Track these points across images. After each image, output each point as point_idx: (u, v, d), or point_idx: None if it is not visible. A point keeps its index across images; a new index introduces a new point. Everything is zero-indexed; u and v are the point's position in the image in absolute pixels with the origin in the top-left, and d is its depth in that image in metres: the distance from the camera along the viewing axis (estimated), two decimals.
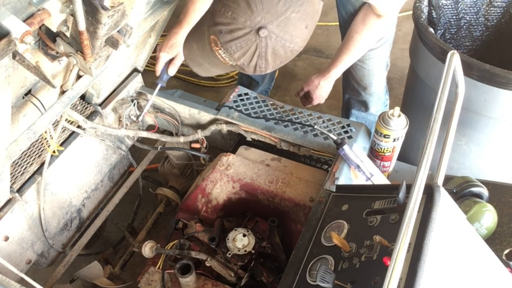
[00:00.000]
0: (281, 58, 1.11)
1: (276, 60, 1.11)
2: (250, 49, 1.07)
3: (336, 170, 1.43)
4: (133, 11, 1.35)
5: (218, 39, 1.07)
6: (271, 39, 1.06)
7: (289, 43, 1.08)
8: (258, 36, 1.04)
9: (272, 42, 1.06)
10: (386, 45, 1.97)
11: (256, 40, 1.05)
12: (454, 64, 1.08)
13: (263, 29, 1.03)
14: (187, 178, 1.93)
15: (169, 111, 1.80)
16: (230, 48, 1.07)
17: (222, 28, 1.06)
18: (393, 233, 0.89)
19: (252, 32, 1.04)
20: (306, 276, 1.12)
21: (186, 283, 1.35)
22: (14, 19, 0.84)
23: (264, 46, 1.06)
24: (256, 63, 1.10)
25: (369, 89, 2.15)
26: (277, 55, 1.10)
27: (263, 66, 1.11)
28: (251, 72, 1.13)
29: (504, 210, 1.47)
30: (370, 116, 2.29)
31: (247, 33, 1.04)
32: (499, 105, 1.72)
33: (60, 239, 1.73)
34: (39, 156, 1.52)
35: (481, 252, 1.08)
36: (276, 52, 1.08)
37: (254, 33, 1.04)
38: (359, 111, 2.30)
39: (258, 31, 1.04)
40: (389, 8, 1.54)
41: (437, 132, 1.00)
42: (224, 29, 1.05)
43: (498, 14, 2.16)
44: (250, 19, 1.03)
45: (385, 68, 2.10)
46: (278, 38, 1.06)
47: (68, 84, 1.40)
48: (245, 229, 1.44)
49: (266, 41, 1.05)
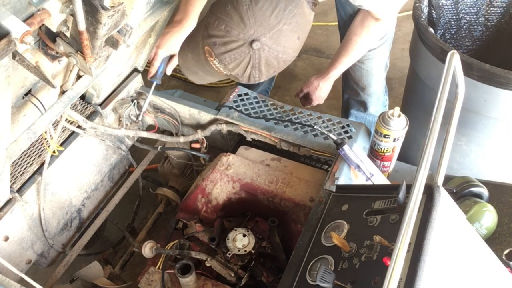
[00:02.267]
0: (274, 68, 1.14)
1: (269, 70, 1.14)
2: (244, 60, 1.09)
3: (336, 170, 1.43)
4: (133, 11, 1.35)
5: (212, 51, 1.10)
6: (264, 51, 1.08)
7: (281, 54, 1.11)
8: (252, 48, 1.07)
9: (265, 54, 1.09)
10: (385, 45, 1.97)
11: (249, 52, 1.08)
12: (454, 64, 1.08)
13: (256, 42, 1.06)
14: (187, 178, 1.93)
15: (169, 111, 1.80)
16: (224, 60, 1.10)
17: (216, 40, 1.08)
18: (393, 233, 0.89)
19: (245, 44, 1.07)
20: (306, 276, 1.12)
21: (186, 283, 1.35)
22: (14, 19, 0.84)
23: (257, 57, 1.09)
24: (250, 73, 1.13)
25: (368, 89, 2.15)
26: (270, 66, 1.12)
27: (256, 76, 1.14)
28: (245, 81, 1.16)
29: (504, 210, 1.47)
30: (369, 116, 2.29)
31: (241, 45, 1.07)
32: (499, 105, 1.72)
33: (60, 239, 1.73)
34: (39, 156, 1.52)
35: (481, 252, 1.08)
36: (269, 62, 1.11)
37: (247, 45, 1.07)
38: (358, 111, 2.30)
39: (252, 44, 1.06)
40: (387, 12, 1.55)
41: (437, 132, 1.00)
42: (218, 41, 1.08)
43: (498, 14, 2.16)
44: (243, 32, 1.06)
45: (384, 69, 2.10)
46: (271, 49, 1.08)
47: (68, 84, 1.40)
48: (245, 229, 1.44)
49: (259, 52, 1.08)
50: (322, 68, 3.19)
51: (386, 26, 1.70)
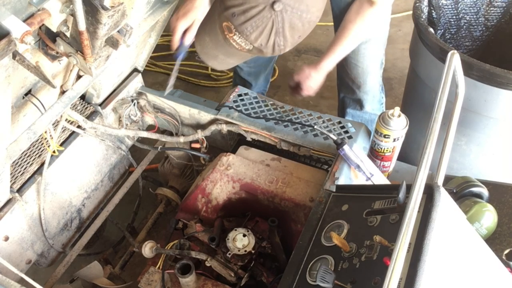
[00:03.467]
0: (299, 31, 1.07)
1: (294, 35, 1.07)
2: (266, 27, 1.03)
3: (336, 170, 1.43)
4: (133, 11, 1.35)
5: (231, 23, 1.03)
6: (287, 12, 1.02)
7: (305, 14, 1.04)
8: (273, 10, 1.00)
9: (288, 15, 1.02)
10: (380, 42, 1.96)
11: (271, 15, 1.01)
12: (454, 64, 1.08)
13: (278, 3, 1.00)
14: (187, 178, 1.93)
15: (169, 111, 1.80)
16: (246, 30, 1.03)
17: (234, 11, 1.02)
18: (393, 233, 0.89)
19: (266, 7, 1.00)
20: (306, 276, 1.12)
21: (186, 283, 1.35)
22: (14, 19, 0.84)
23: (280, 21, 1.02)
24: (274, 41, 1.06)
25: (364, 87, 2.12)
26: (295, 29, 1.06)
27: (281, 43, 1.07)
28: (270, 53, 1.09)
29: (504, 210, 1.47)
30: (365, 114, 2.27)
31: (262, 9, 1.01)
32: (499, 105, 1.72)
33: (60, 239, 1.73)
34: (39, 156, 1.52)
35: (481, 252, 1.08)
36: (293, 25, 1.04)
37: (268, 8, 1.00)
38: (354, 110, 2.28)
39: (273, 5, 1.00)
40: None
41: (437, 132, 1.00)
42: (236, 11, 1.02)
43: (498, 14, 2.16)
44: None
45: (379, 66, 2.08)
46: (294, 9, 1.02)
47: (68, 84, 1.40)
48: (245, 229, 1.44)
49: (282, 15, 1.02)
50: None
51: (381, 13, 1.64)
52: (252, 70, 2.43)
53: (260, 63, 2.40)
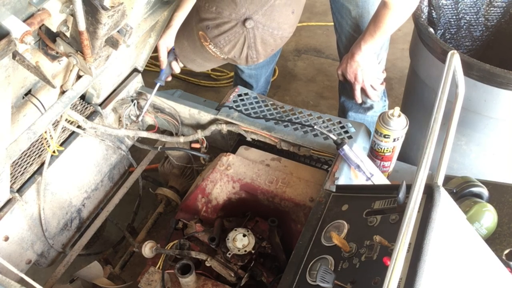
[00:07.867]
0: (271, 46, 1.10)
1: (266, 49, 1.11)
2: (239, 41, 1.06)
3: (336, 170, 1.43)
4: (133, 11, 1.35)
5: (206, 35, 1.07)
6: (258, 29, 1.05)
7: (277, 31, 1.07)
8: (245, 27, 1.04)
9: (260, 32, 1.06)
10: (383, 47, 1.96)
11: (243, 32, 1.05)
12: (454, 64, 1.08)
13: (249, 20, 1.03)
14: (187, 178, 1.93)
15: (169, 111, 1.80)
16: (219, 43, 1.07)
17: (208, 24, 1.06)
18: (393, 233, 0.89)
19: (238, 24, 1.04)
20: (306, 276, 1.12)
21: (186, 283, 1.35)
22: (14, 19, 0.84)
23: (252, 36, 1.06)
24: (247, 54, 1.09)
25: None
26: (267, 44, 1.09)
27: (254, 56, 1.11)
28: (244, 64, 1.13)
29: (504, 210, 1.47)
30: (367, 117, 2.27)
31: (234, 26, 1.04)
32: (499, 105, 1.72)
33: (60, 239, 1.73)
34: (39, 156, 1.52)
35: (481, 252, 1.08)
36: (265, 41, 1.08)
37: (240, 25, 1.04)
38: (356, 113, 2.29)
39: (244, 23, 1.03)
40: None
41: (437, 132, 1.00)
42: (210, 24, 1.05)
43: (498, 14, 2.16)
44: (235, 11, 1.03)
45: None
46: (265, 27, 1.05)
47: (68, 84, 1.40)
48: (245, 229, 1.44)
49: (253, 31, 1.05)
50: (322, 68, 3.22)
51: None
52: (253, 72, 2.42)
53: (261, 65, 2.39)
